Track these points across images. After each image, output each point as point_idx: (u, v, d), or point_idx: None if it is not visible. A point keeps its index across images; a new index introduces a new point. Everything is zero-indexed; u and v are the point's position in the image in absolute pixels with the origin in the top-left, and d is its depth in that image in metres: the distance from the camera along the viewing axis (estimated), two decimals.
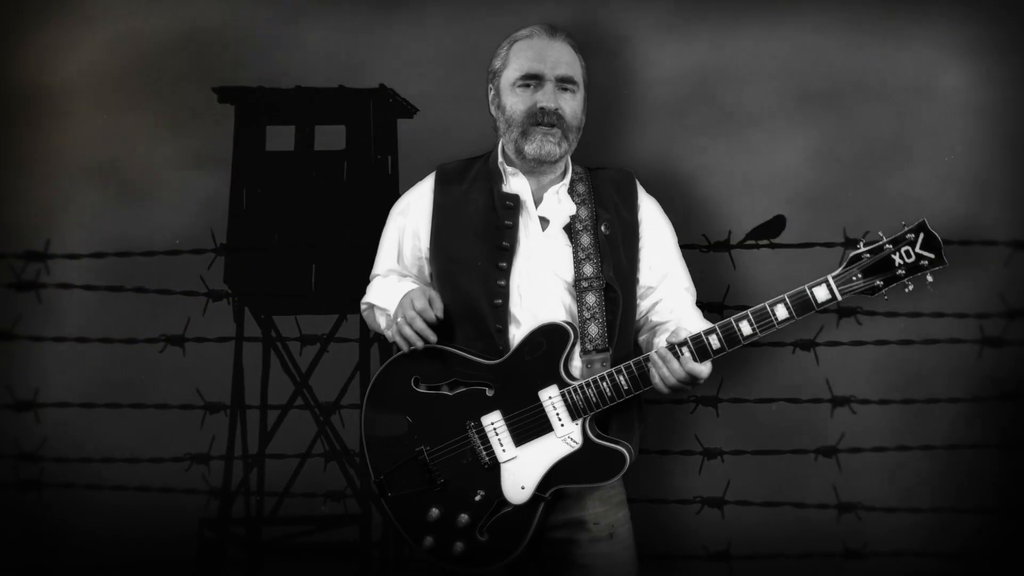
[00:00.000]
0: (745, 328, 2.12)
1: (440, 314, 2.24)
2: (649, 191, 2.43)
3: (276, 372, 2.92)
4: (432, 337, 2.22)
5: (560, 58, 2.28)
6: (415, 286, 2.35)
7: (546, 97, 2.26)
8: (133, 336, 2.88)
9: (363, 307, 2.48)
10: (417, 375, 2.27)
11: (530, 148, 2.26)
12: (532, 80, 2.27)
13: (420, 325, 2.22)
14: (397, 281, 2.41)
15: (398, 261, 2.42)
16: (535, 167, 2.31)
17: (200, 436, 2.89)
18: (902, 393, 2.78)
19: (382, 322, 2.41)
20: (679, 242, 2.43)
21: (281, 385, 2.92)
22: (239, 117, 2.89)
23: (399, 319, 2.25)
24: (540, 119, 2.25)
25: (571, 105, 2.28)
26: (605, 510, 2.28)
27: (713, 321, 2.31)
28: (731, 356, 2.75)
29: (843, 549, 2.81)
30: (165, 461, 2.90)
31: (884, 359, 2.77)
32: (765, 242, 2.78)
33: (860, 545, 2.81)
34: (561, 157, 2.30)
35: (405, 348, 2.25)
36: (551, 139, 2.26)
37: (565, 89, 2.28)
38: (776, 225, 2.77)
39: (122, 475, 2.89)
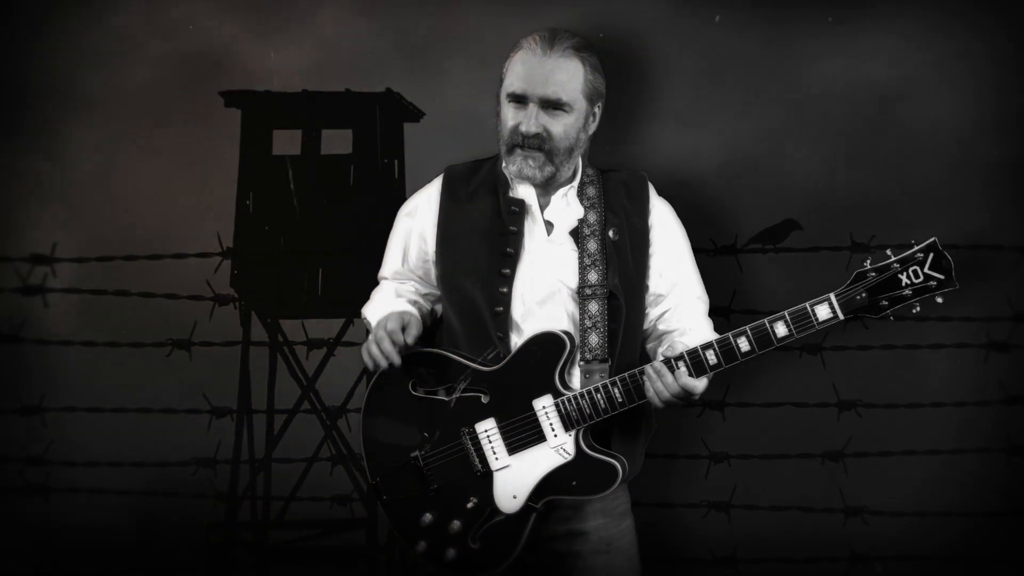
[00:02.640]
0: (743, 344, 2.07)
1: (411, 340, 2.19)
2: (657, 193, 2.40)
3: (283, 376, 2.92)
4: (396, 360, 2.17)
5: (549, 77, 2.16)
6: (407, 307, 2.32)
7: (528, 121, 2.17)
8: (139, 340, 2.88)
9: (363, 318, 2.44)
10: (415, 379, 2.26)
11: (512, 168, 2.22)
12: (518, 100, 2.19)
13: (387, 347, 2.17)
14: (394, 297, 2.38)
15: (403, 263, 2.40)
16: None
17: (206, 440, 2.89)
18: (908, 397, 2.78)
19: None
20: None
21: (288, 389, 2.91)
22: (245, 121, 2.89)
23: (370, 336, 2.23)
24: (520, 142, 2.18)
25: (558, 127, 2.18)
26: (606, 522, 2.25)
27: (718, 325, 2.31)
28: None
29: (849, 553, 2.81)
30: (171, 465, 2.90)
31: (890, 363, 2.77)
32: (771, 246, 2.78)
33: (866, 549, 2.81)
34: (546, 179, 2.22)
35: (370, 365, 2.22)
36: (531, 163, 2.19)
37: (554, 109, 2.18)
38: (785, 229, 2.77)
39: (128, 479, 2.90)
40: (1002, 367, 2.76)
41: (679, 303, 2.30)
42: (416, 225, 2.37)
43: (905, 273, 2.00)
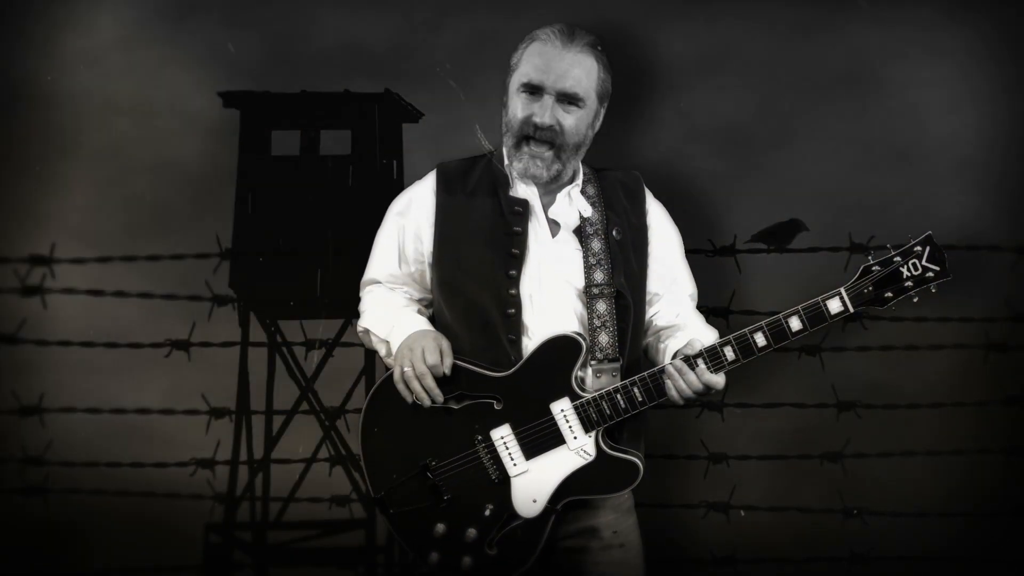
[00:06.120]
0: (760, 339, 2.09)
1: (448, 371, 2.15)
2: (654, 193, 2.37)
3: (281, 377, 2.91)
4: (440, 398, 2.14)
5: (568, 71, 2.15)
6: (419, 318, 2.27)
7: (543, 112, 2.14)
8: (138, 341, 2.87)
9: (360, 330, 2.37)
10: None
11: (517, 166, 2.19)
12: (532, 90, 2.16)
13: (430, 383, 2.13)
14: (390, 295, 2.33)
15: (400, 265, 2.32)
16: None
17: (205, 441, 2.89)
18: (908, 398, 2.78)
19: (381, 349, 2.30)
20: (684, 246, 2.38)
21: (286, 390, 2.91)
22: (244, 121, 2.89)
23: (406, 368, 2.15)
24: (532, 133, 2.15)
25: (570, 121, 2.16)
26: (616, 517, 2.24)
27: (717, 326, 2.31)
28: None
29: (849, 554, 2.81)
30: (170, 466, 2.89)
31: (890, 364, 2.77)
32: (772, 247, 2.79)
33: (865, 549, 2.81)
34: (552, 178, 2.20)
35: (408, 400, 2.16)
36: (539, 162, 2.16)
37: (569, 103, 2.16)
38: (790, 230, 2.77)
39: (127, 480, 2.89)
40: (1001, 368, 2.76)
41: (674, 300, 2.31)
42: (409, 224, 2.30)
43: (906, 266, 2.08)
